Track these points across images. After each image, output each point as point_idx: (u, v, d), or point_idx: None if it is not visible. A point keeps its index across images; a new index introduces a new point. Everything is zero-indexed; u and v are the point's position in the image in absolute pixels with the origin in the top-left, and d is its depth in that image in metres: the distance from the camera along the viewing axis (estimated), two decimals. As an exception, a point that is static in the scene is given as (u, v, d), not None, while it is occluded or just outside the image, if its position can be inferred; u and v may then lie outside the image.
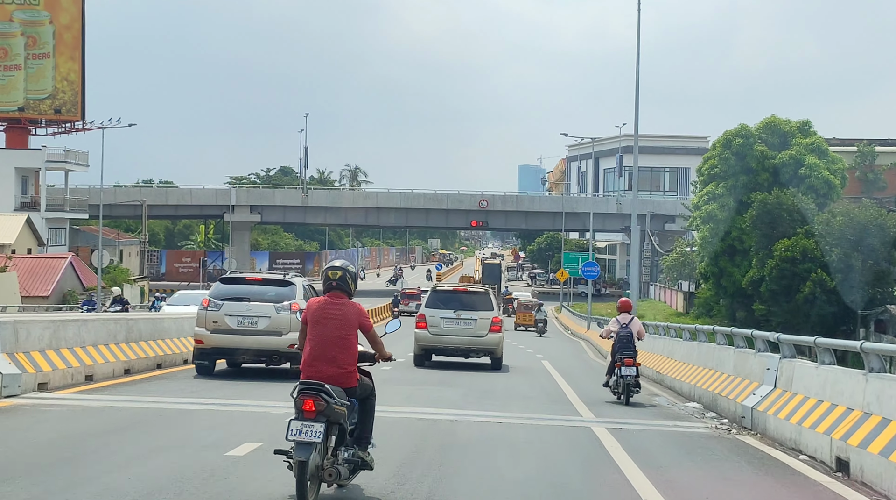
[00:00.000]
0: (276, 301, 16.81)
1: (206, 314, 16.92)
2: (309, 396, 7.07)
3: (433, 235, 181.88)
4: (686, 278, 71.25)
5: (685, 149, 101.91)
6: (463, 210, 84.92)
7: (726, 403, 12.97)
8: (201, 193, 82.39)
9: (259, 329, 16.66)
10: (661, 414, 13.95)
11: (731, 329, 13.95)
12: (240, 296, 16.97)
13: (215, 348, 16.92)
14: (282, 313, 16.74)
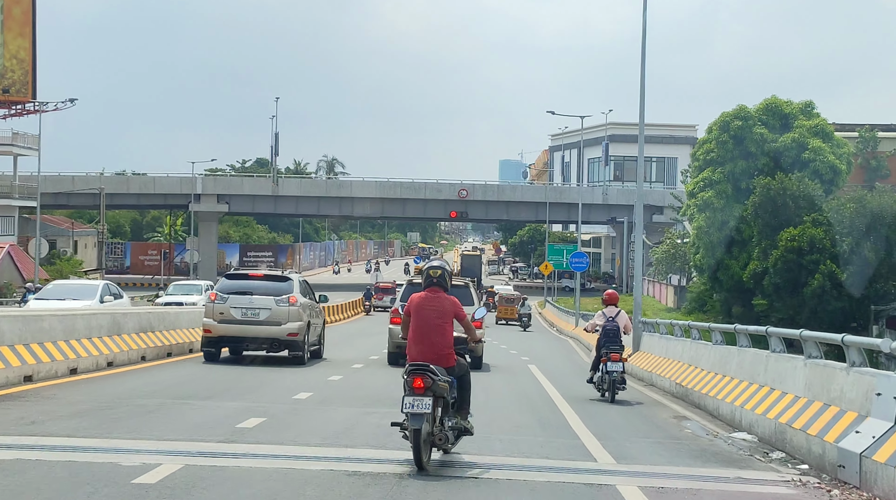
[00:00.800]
0: (276, 295, 18.95)
1: (213, 307, 18.98)
2: (418, 375, 8.51)
3: (412, 228, 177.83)
4: (677, 271, 67.59)
5: (673, 138, 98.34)
6: (442, 200, 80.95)
7: (803, 440, 9.10)
8: (165, 181, 78.05)
9: (261, 320, 18.82)
10: (705, 452, 10.13)
11: (800, 332, 10.03)
12: (243, 290, 19.11)
13: (222, 336, 19.03)
14: (281, 306, 18.83)
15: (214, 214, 79.71)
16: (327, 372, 17.90)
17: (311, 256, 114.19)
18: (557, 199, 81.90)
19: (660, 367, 17.83)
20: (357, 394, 14.43)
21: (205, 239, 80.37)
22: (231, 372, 17.15)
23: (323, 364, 19.90)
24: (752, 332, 12.30)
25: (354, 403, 13.20)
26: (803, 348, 10.02)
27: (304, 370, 18.21)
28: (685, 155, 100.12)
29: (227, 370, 17.48)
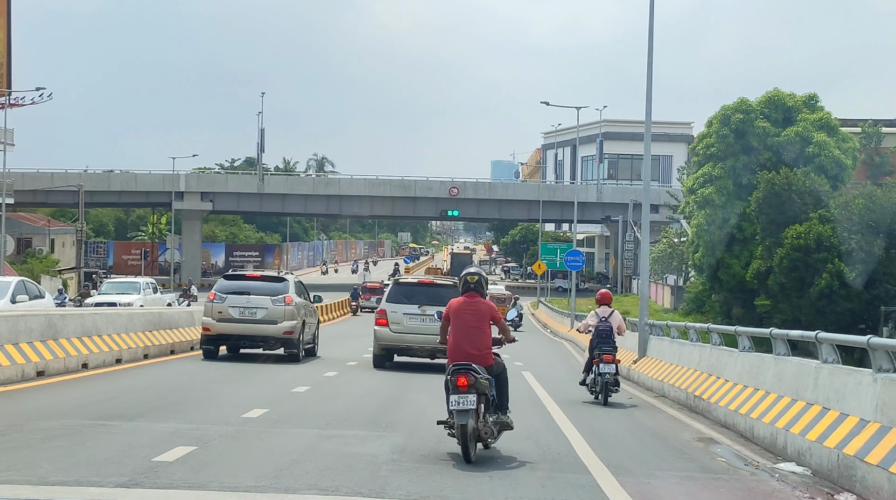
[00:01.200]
0: (273, 295, 19.73)
1: (212, 306, 19.63)
2: (461, 374, 9.19)
3: (403, 228, 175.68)
4: (673, 271, 65.58)
5: (668, 136, 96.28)
6: (432, 198, 78.83)
7: (885, 480, 6.96)
8: (147, 178, 75.78)
9: (258, 318, 19.54)
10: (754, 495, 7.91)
11: (868, 339, 7.90)
12: (241, 290, 19.88)
13: (220, 334, 19.75)
14: (277, 305, 19.57)
15: (198, 213, 77.48)
16: (297, 379, 16.58)
17: (300, 256, 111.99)
18: (551, 197, 79.82)
19: (672, 375, 15.72)
20: (322, 409, 12.55)
21: (188, 238, 78.13)
22: (195, 378, 16.02)
23: (294, 369, 18.90)
24: (796, 338, 10.16)
25: (315, 421, 11.25)
26: (871, 360, 7.91)
27: (271, 377, 17.07)
28: (681, 153, 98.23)
29: (192, 376, 16.35)
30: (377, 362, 19.64)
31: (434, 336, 17.98)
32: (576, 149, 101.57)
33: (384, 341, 19.39)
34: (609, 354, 14.82)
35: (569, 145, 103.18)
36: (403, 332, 19.21)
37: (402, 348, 19.55)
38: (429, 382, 16.28)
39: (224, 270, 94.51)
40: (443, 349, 18.33)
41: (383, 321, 19.32)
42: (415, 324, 19.19)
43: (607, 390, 14.80)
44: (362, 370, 18.96)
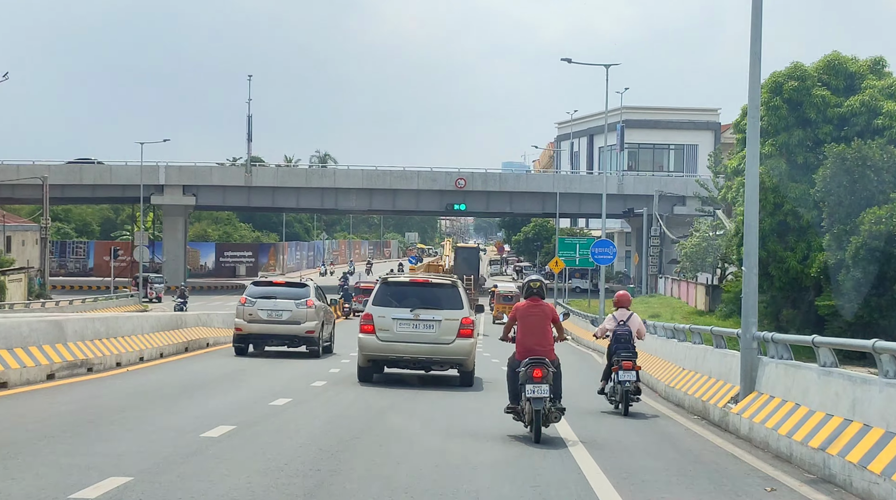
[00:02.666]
0: (296, 298, 22.39)
1: (243, 309, 22.27)
2: (537, 366, 10.82)
3: (410, 227, 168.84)
4: (707, 268, 58.35)
5: (693, 123, 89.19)
6: (437, 190, 71.86)
7: None
8: (123, 170, 69.00)
9: (283, 320, 22.14)
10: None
11: None
12: (268, 295, 22.51)
13: (250, 333, 22.38)
14: (300, 308, 22.18)
15: (181, 208, 70.65)
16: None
17: (298, 256, 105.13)
18: (567, 189, 72.75)
19: (834, 440, 8.61)
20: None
21: (170, 236, 71.36)
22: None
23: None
24: None
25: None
26: None
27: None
28: (707, 142, 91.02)
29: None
30: (362, 375, 17.13)
31: (430, 345, 16.48)
32: (592, 140, 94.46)
33: (370, 352, 16.86)
34: (629, 360, 14.18)
35: (585, 135, 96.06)
36: (393, 340, 16.61)
37: (392, 359, 17.04)
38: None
39: (214, 271, 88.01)
40: (440, 359, 16.61)
41: (369, 328, 16.76)
42: (406, 331, 16.58)
43: (628, 400, 14.13)
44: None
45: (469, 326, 16.64)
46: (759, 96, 13.11)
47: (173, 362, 19.79)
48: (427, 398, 14.77)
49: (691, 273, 56.26)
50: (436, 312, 16.54)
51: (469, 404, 14.40)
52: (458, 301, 16.79)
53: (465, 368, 16.96)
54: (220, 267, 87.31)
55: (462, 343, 16.54)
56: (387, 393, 15.29)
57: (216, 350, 24.30)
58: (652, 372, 18.76)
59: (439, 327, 16.49)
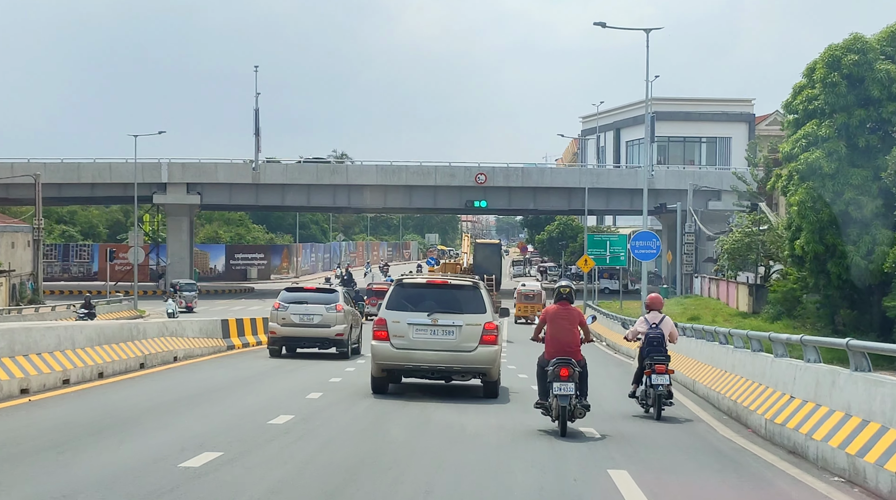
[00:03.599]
0: (326, 303, 23.92)
1: (277, 313, 23.83)
2: (564, 366, 11.81)
3: (430, 228, 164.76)
4: (750, 267, 53.83)
5: (726, 115, 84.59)
6: (455, 187, 67.67)
7: None
8: (123, 168, 65.17)
9: (314, 323, 23.66)
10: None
11: None
12: (300, 300, 24.04)
13: (284, 336, 23.87)
14: (330, 312, 23.67)
15: (185, 207, 66.78)
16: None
17: (313, 258, 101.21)
18: (594, 183, 68.37)
19: None
20: None
21: (174, 237, 67.52)
22: None
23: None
24: None
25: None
26: None
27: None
28: (741, 134, 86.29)
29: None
30: (377, 386, 15.96)
31: (450, 353, 15.42)
32: (619, 134, 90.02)
33: (384, 361, 15.69)
34: (662, 363, 13.98)
35: (612, 129, 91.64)
36: (408, 348, 15.49)
37: (408, 369, 15.79)
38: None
39: (224, 274, 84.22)
40: (461, 368, 15.31)
41: (382, 334, 15.63)
42: (423, 338, 15.48)
43: (660, 404, 13.90)
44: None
45: (493, 331, 15.41)
46: None
47: (111, 385, 16.01)
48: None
49: (732, 272, 51.72)
50: (456, 316, 15.33)
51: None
52: (481, 304, 15.55)
53: (490, 377, 15.66)
54: (231, 270, 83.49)
55: (485, 350, 15.29)
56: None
57: (184, 365, 20.62)
58: (714, 386, 16.18)
59: (460, 333, 15.27)
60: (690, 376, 18.01)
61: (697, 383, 17.36)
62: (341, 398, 14.95)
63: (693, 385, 17.75)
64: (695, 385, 17.59)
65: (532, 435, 11.46)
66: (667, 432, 12.65)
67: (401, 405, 14.26)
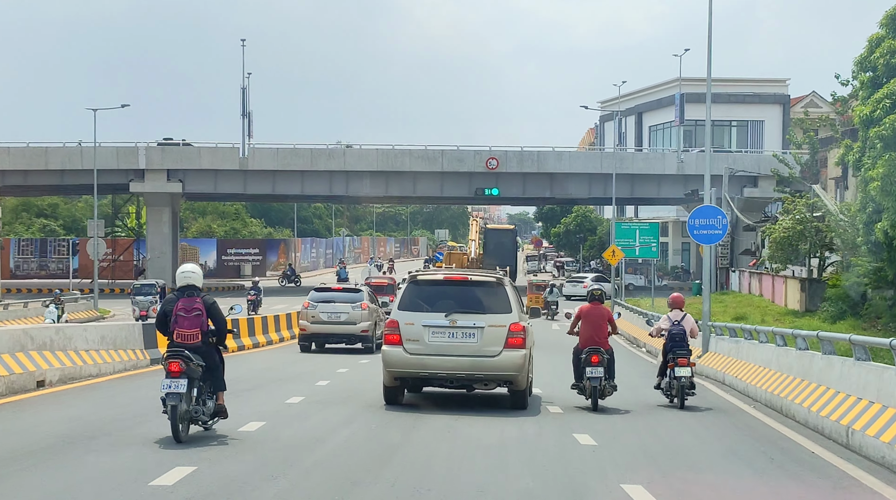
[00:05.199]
0: (352, 302, 25.74)
1: (307, 312, 25.78)
2: (595, 354, 14.35)
3: (440, 224, 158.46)
4: (800, 259, 47.19)
5: (758, 97, 77.97)
6: (464, 173, 61.25)
7: None
8: (97, 152, 58.87)
9: (341, 321, 25.36)
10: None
11: None
12: (328, 299, 25.90)
13: (313, 333, 25.67)
14: (355, 310, 25.43)
15: (165, 196, 60.51)
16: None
17: (314, 253, 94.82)
18: (617, 169, 61.79)
19: None
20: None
21: (154, 230, 61.28)
22: None
23: None
24: None
25: None
26: None
27: None
28: (775, 117, 79.60)
29: None
30: (389, 396, 14.28)
31: (471, 358, 13.91)
32: (643, 115, 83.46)
33: (396, 368, 13.91)
34: (684, 357, 15.12)
35: (633, 114, 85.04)
36: (424, 353, 13.74)
37: (424, 377, 14.07)
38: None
39: (215, 271, 77.91)
40: (483, 376, 14.21)
41: (394, 338, 13.88)
42: (441, 341, 13.75)
43: (684, 394, 15.08)
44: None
45: (519, 333, 14.00)
46: None
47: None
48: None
49: (780, 265, 45.14)
50: (477, 316, 13.98)
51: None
52: (505, 302, 14.15)
53: (517, 386, 14.28)
54: (223, 266, 77.15)
55: (511, 355, 13.93)
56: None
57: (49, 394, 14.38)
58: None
59: (482, 336, 13.93)
60: (754, 383, 16.64)
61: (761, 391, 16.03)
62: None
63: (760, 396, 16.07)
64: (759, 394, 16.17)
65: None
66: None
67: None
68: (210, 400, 10.62)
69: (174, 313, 10.62)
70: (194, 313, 10.60)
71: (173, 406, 10.05)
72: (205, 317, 10.62)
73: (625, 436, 11.91)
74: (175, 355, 10.23)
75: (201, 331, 10.59)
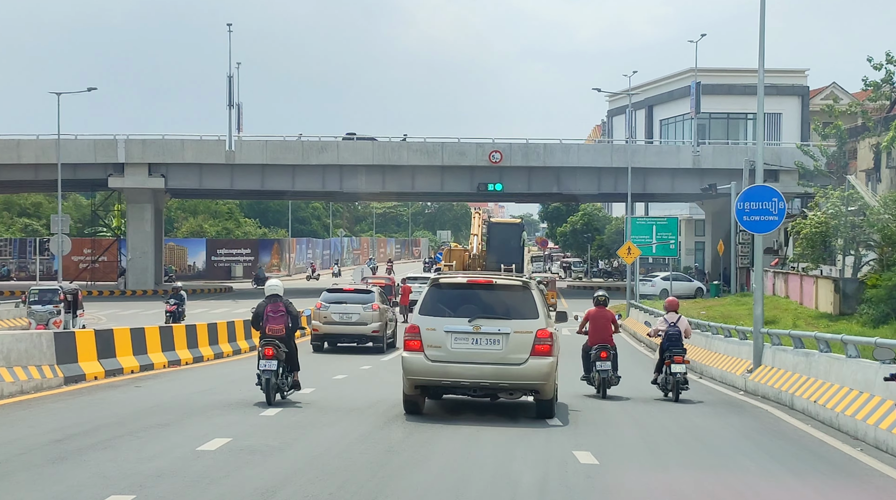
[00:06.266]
0: (363, 303, 26.53)
1: (319, 312, 26.45)
2: (603, 350, 16.73)
3: (443, 225, 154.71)
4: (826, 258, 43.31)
5: (775, 88, 73.85)
6: (466, 167, 57.52)
7: None
8: (72, 146, 55.29)
9: (353, 321, 26.13)
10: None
11: None
12: (339, 300, 26.66)
13: (325, 333, 26.63)
14: (366, 311, 26.34)
15: (146, 192, 56.77)
16: None
17: (310, 254, 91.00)
18: (629, 163, 58.02)
19: None
20: None
21: (136, 228, 57.55)
22: None
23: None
24: None
25: None
26: None
27: None
28: (793, 110, 75.67)
29: None
30: (410, 406, 13.83)
31: (495, 366, 13.32)
32: (654, 109, 79.57)
33: (417, 376, 13.42)
34: (680, 355, 16.68)
35: (643, 107, 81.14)
36: (447, 361, 13.24)
37: (446, 385, 13.55)
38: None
39: (205, 272, 74.26)
40: (508, 385, 13.74)
41: (415, 344, 13.38)
42: (464, 348, 13.26)
43: (678, 388, 16.60)
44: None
45: (546, 340, 13.30)
46: None
47: None
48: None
49: (813, 264, 41.28)
50: (502, 322, 13.23)
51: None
52: (532, 307, 13.43)
53: (543, 395, 13.57)
54: (213, 267, 73.41)
55: (538, 363, 13.21)
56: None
57: None
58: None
59: (507, 343, 13.19)
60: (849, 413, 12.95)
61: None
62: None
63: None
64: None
65: None
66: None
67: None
68: (290, 376, 14.55)
69: (265, 314, 14.47)
70: (279, 314, 14.42)
71: (267, 380, 13.99)
72: (286, 316, 14.46)
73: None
74: (268, 344, 14.08)
75: (285, 326, 14.43)
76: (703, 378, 21.64)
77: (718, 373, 20.63)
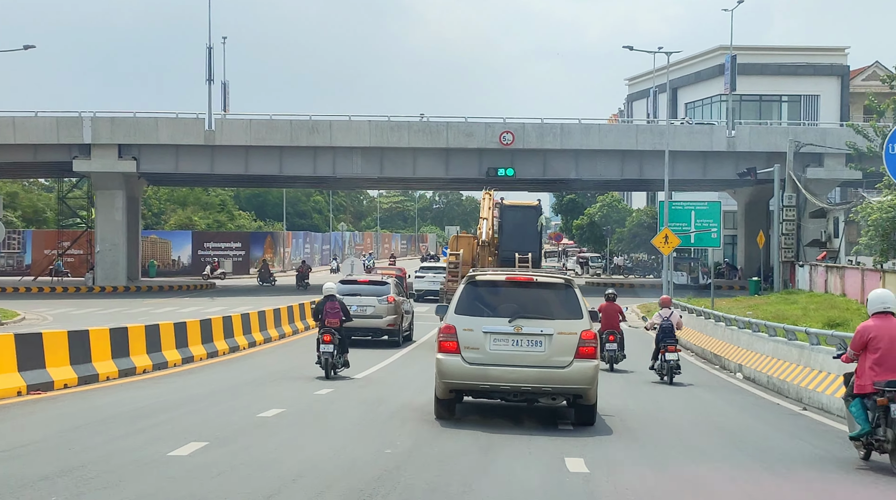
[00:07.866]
0: (378, 295, 25.80)
1: None
2: (612, 334, 20.89)
3: (451, 220, 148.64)
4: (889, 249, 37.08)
5: (812, 68, 67.79)
6: (473, 150, 51.51)
7: None
8: (33, 124, 49.44)
9: (367, 314, 25.37)
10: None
11: None
12: (354, 292, 25.63)
13: None
14: (382, 303, 25.65)
15: (117, 176, 50.86)
16: None
17: (308, 249, 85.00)
18: (654, 145, 52.00)
19: None
20: None
21: (105, 217, 51.64)
22: None
23: None
24: None
25: None
26: None
27: None
28: (832, 91, 69.30)
29: None
30: (441, 410, 13.31)
31: (537, 369, 12.68)
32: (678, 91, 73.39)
33: (454, 379, 12.84)
34: (672, 345, 19.30)
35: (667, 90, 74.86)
36: (485, 363, 12.64)
37: (484, 389, 13.01)
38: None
39: (190, 268, 68.44)
40: (549, 389, 13.03)
41: (451, 345, 12.75)
42: (504, 350, 12.67)
43: (672, 373, 19.21)
44: None
45: (591, 342, 12.77)
46: None
47: None
48: None
49: (883, 257, 35.08)
50: (545, 323, 12.67)
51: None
52: (576, 307, 12.96)
53: (587, 400, 13.04)
54: (199, 262, 67.42)
55: (582, 367, 12.65)
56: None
57: None
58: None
59: (550, 345, 12.65)
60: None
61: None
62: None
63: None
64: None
65: None
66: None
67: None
68: (341, 357, 18.69)
69: (324, 310, 18.59)
70: (335, 310, 18.67)
71: (326, 359, 18.25)
72: (340, 311, 18.73)
73: None
74: (327, 332, 18.28)
75: (339, 319, 18.63)
76: (806, 410, 15.67)
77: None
